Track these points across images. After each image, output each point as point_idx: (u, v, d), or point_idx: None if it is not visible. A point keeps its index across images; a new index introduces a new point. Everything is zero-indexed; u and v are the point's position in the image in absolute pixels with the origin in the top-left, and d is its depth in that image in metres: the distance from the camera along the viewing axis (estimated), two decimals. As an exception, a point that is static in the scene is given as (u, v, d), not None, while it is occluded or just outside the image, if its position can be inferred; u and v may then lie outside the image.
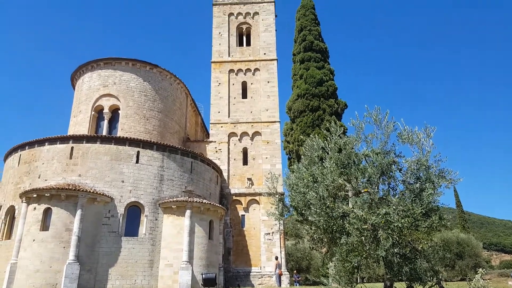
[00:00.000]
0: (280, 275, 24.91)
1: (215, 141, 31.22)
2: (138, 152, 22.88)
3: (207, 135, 37.85)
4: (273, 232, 28.50)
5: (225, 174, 29.96)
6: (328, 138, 9.12)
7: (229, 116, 32.02)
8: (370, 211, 8.55)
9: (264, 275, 27.29)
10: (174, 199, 22.59)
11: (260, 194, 29.28)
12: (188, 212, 22.33)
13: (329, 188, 8.77)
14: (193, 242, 21.99)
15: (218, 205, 25.02)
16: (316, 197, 8.76)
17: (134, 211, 21.99)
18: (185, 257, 21.40)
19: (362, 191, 8.72)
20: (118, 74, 29.41)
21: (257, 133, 31.58)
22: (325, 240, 9.79)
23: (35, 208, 20.17)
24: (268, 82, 33.05)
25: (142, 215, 21.99)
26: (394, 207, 8.39)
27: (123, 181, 21.97)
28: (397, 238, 8.77)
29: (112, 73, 29.43)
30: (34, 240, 19.50)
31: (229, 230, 28.11)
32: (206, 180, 26.07)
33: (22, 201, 20.69)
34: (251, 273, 27.35)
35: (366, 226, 8.48)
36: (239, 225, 29.03)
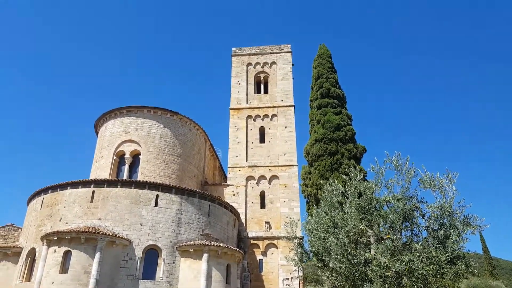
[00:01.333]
0: None
1: (233, 185, 31.43)
2: (157, 195, 23.21)
3: (225, 178, 38.14)
4: (292, 278, 27.77)
5: (242, 218, 29.86)
6: (348, 184, 9.22)
7: (246, 160, 32.44)
8: (393, 258, 8.44)
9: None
10: (192, 243, 22.51)
11: (278, 238, 28.88)
12: (205, 256, 22.15)
13: (350, 234, 8.75)
14: (210, 286, 21.65)
15: (235, 249, 24.72)
16: (336, 243, 8.73)
17: (152, 254, 21.96)
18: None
19: (385, 237, 8.67)
20: (140, 121, 30.59)
21: (274, 177, 31.74)
22: (347, 287, 9.60)
23: (55, 251, 20.38)
24: (286, 127, 33.70)
25: (160, 258, 21.91)
26: (418, 254, 8.28)
27: (141, 224, 22.14)
28: (422, 286, 8.57)
29: (134, 120, 30.63)
30: (53, 282, 19.53)
31: (247, 274, 27.51)
32: (223, 223, 26.01)
33: (43, 243, 20.98)
34: None
35: (390, 274, 8.35)
36: (257, 269, 28.43)
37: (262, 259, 28.84)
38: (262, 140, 33.71)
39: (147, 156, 29.35)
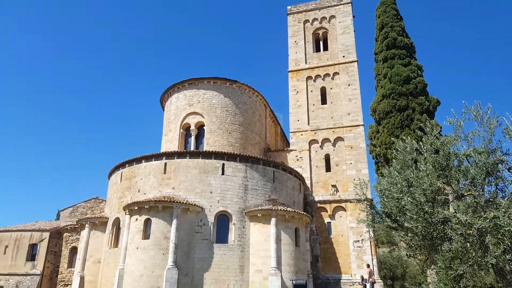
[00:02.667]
0: (373, 283, 23.89)
1: (296, 150, 31.28)
2: (223, 164, 23.95)
3: (287, 144, 38.13)
4: (362, 240, 27.50)
5: (307, 182, 29.80)
6: (424, 139, 8.54)
7: (308, 124, 31.91)
8: (475, 215, 7.81)
9: (355, 282, 26.42)
10: (259, 208, 23.12)
11: (346, 201, 28.52)
12: (273, 220, 22.69)
13: (427, 193, 8.20)
14: (280, 249, 22.30)
15: (302, 212, 24.95)
16: (412, 202, 8.25)
17: (222, 219, 23.00)
18: (274, 264, 21.76)
19: (465, 194, 8.00)
20: (201, 92, 31.33)
21: (339, 139, 30.94)
22: (424, 247, 9.16)
23: (136, 219, 22.17)
24: (349, 85, 32.30)
25: (230, 223, 22.88)
26: (504, 210, 7.55)
27: (211, 192, 23.14)
28: (509, 243, 7.87)
29: (196, 92, 31.44)
30: (137, 248, 21.41)
31: (316, 237, 27.78)
32: (289, 188, 26.23)
33: (125, 213, 22.92)
34: (341, 281, 26.67)
35: (471, 232, 7.76)
36: (326, 232, 28.54)
37: (330, 222, 28.81)
38: (323, 101, 32.75)
39: (211, 127, 30.20)
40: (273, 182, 25.09)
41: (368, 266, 24.70)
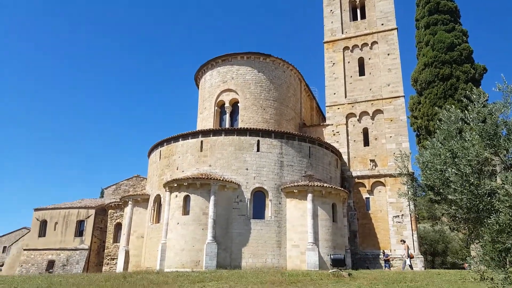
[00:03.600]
0: (411, 258, 23.48)
1: (332, 124, 30.58)
2: (258, 141, 23.90)
3: (323, 118, 37.37)
4: (402, 215, 26.81)
5: (344, 157, 29.19)
6: (470, 108, 7.91)
7: (345, 97, 30.96)
8: (526, 187, 7.19)
9: (394, 258, 25.99)
10: (295, 184, 23.03)
11: (385, 176, 27.76)
12: (309, 196, 22.58)
13: (473, 163, 7.64)
14: (317, 224, 22.27)
15: (339, 188, 24.59)
16: (457, 174, 7.73)
17: (259, 196, 23.16)
18: (311, 239, 21.81)
19: (515, 164, 7.39)
20: (235, 69, 31.09)
21: (378, 111, 29.84)
22: (469, 220, 8.65)
23: (176, 196, 22.82)
24: (388, 54, 30.81)
25: (267, 199, 23.00)
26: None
27: (247, 169, 23.26)
28: None
29: (229, 69, 31.26)
30: (178, 223, 22.13)
31: (353, 213, 27.40)
32: (325, 164, 25.82)
33: (165, 190, 23.64)
34: (380, 256, 26.31)
35: (521, 204, 7.17)
36: (364, 208, 28.06)
37: (368, 197, 28.22)
38: (361, 72, 31.51)
39: (245, 103, 30.07)
40: (309, 158, 24.79)
41: (404, 242, 24.28)
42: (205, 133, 24.75)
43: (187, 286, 13.21)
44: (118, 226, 29.99)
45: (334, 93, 31.28)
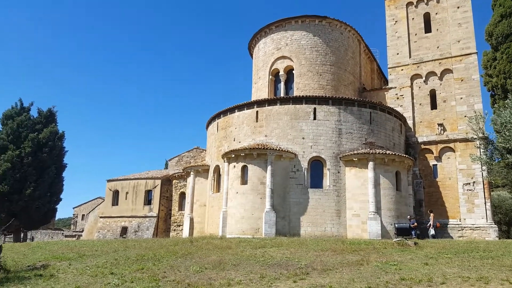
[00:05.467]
0: (437, 227, 22.08)
1: (395, 87, 28.62)
2: (315, 109, 23.20)
3: (385, 82, 35.21)
4: (474, 182, 24.85)
5: (409, 122, 27.38)
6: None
7: (410, 57, 28.63)
8: None
9: (464, 227, 24.45)
10: (355, 152, 22.21)
11: (455, 141, 25.72)
12: (370, 164, 21.71)
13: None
14: (379, 193, 21.53)
15: (403, 155, 23.29)
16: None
17: (316, 165, 22.74)
18: (372, 208, 21.18)
19: None
20: (288, 34, 30.01)
21: (447, 71, 27.30)
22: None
23: (234, 166, 23.19)
24: (458, 7, 27.71)
25: (325, 168, 22.51)
26: None
27: (303, 138, 22.80)
28: None
29: (283, 35, 30.24)
30: (237, 192, 22.60)
31: (419, 181, 25.89)
32: (387, 130, 24.45)
33: (224, 161, 24.12)
34: (448, 225, 24.88)
35: None
36: (431, 175, 26.38)
37: (436, 164, 26.40)
38: (427, 29, 28.76)
39: (300, 70, 29.13)
40: (369, 124, 23.63)
41: (431, 211, 22.79)
42: (260, 103, 24.52)
43: (249, 251, 13.57)
44: (182, 195, 31.52)
45: (397, 54, 29.05)
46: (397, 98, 28.28)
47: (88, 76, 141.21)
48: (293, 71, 29.42)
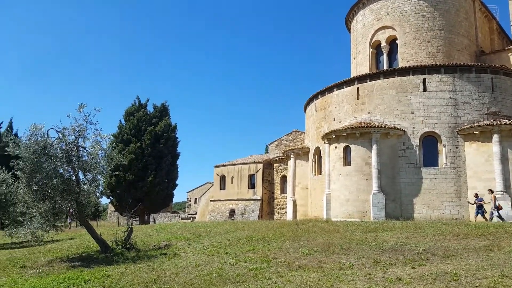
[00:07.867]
0: (499, 209, 17.41)
1: (524, 46, 24.33)
2: (424, 79, 21.06)
3: (508, 41, 30.26)
4: None
5: (544, 85, 23.05)
6: None
7: (541, 8, 24.03)
8: None
9: None
10: (475, 124, 19.66)
11: None
12: (495, 137, 19.05)
13: None
14: (507, 170, 18.92)
15: (539, 125, 19.76)
16: None
17: (429, 141, 20.75)
18: (500, 187, 18.67)
19: None
20: (389, 2, 27.65)
21: None
22: None
23: (335, 147, 22.44)
24: None
25: (440, 144, 20.39)
26: None
27: (412, 112, 20.91)
28: None
29: (383, 4, 27.96)
30: (340, 174, 21.88)
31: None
32: (515, 96, 20.99)
33: (324, 142, 23.51)
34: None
35: None
36: None
37: None
38: None
39: (404, 39, 26.64)
40: (491, 92, 20.60)
41: (492, 191, 18.01)
42: (361, 79, 23.13)
43: (359, 235, 13.00)
44: (284, 178, 31.87)
45: (524, 6, 24.60)
46: (527, 59, 24.04)
47: (196, 75, 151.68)
48: (397, 41, 27.09)
